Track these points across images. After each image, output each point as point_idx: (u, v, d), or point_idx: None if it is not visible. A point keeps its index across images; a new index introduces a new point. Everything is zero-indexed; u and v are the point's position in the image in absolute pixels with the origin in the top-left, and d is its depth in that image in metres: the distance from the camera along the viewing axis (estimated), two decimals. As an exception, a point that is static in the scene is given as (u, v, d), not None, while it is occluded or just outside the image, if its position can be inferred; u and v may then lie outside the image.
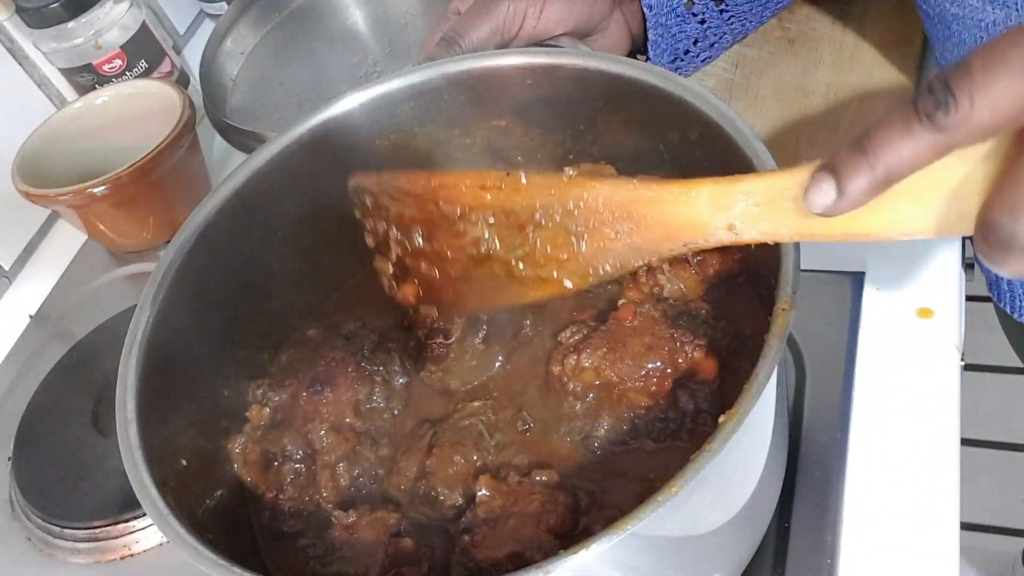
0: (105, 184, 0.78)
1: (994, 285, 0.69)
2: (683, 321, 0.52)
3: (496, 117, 0.61)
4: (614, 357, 0.51)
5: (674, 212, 0.41)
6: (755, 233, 0.39)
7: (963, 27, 0.56)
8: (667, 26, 0.68)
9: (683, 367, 0.50)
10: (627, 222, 0.43)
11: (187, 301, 0.53)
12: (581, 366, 0.52)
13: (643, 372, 0.50)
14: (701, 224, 0.40)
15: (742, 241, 0.40)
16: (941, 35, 0.59)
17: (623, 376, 0.51)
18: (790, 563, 0.53)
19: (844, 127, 0.70)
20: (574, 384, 0.52)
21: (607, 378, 0.51)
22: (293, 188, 0.59)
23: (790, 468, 0.55)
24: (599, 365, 0.51)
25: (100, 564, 0.66)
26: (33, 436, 0.73)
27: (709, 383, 0.50)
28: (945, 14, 0.57)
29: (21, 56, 0.94)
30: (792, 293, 0.41)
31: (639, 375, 0.50)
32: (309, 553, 0.52)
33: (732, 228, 0.40)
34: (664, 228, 0.42)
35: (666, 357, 0.50)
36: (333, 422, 0.55)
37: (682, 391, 0.50)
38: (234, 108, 0.92)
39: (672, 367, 0.50)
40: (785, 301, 0.41)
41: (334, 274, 0.65)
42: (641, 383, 0.50)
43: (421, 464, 0.52)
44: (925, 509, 0.52)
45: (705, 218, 0.40)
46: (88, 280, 0.89)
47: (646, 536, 0.39)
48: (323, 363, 0.57)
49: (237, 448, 0.55)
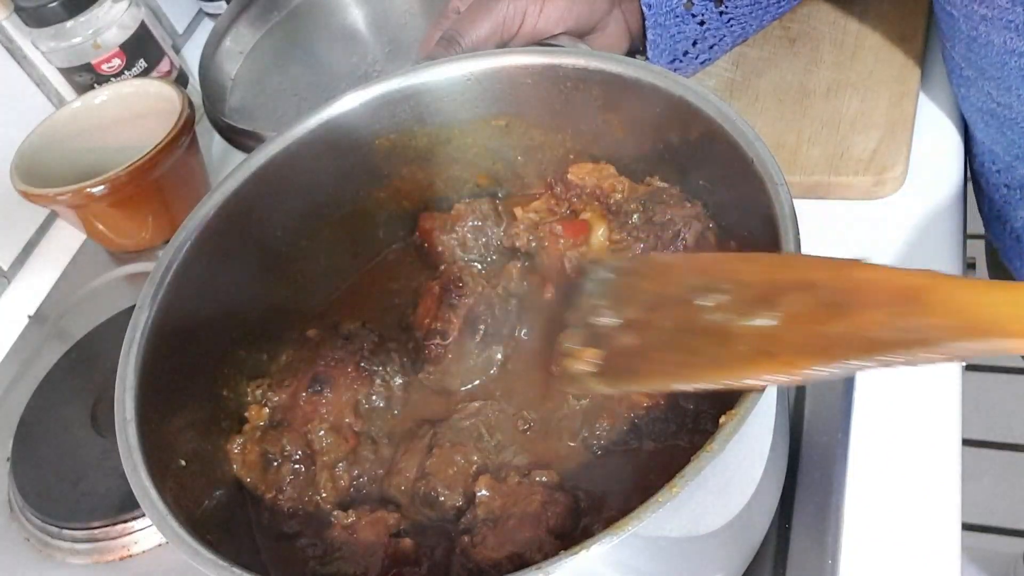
0: (104, 184, 0.78)
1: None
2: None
3: (496, 117, 0.61)
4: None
5: (987, 301, 0.36)
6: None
7: (992, 28, 0.57)
8: (666, 26, 0.68)
9: None
10: (911, 305, 0.37)
11: (186, 301, 0.53)
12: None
13: None
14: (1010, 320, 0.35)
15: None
16: (966, 35, 0.59)
17: None
18: (791, 564, 0.53)
19: (845, 127, 0.70)
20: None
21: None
22: (293, 188, 0.59)
23: (791, 469, 0.55)
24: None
25: (99, 565, 0.66)
26: (32, 436, 0.73)
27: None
28: (972, 15, 0.57)
29: (19, 55, 0.94)
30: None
31: None
32: (309, 553, 0.51)
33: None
34: (962, 317, 0.36)
35: None
36: (333, 422, 0.55)
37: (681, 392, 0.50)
38: (233, 107, 0.92)
39: None
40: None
41: (334, 274, 0.64)
42: None
43: (421, 464, 0.52)
44: (926, 509, 0.52)
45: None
46: (87, 280, 0.89)
47: (646, 537, 0.39)
48: (323, 363, 0.57)
49: (236, 449, 0.55)
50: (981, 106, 0.64)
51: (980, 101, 0.64)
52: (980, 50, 0.59)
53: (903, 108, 0.69)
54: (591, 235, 0.58)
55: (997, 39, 0.57)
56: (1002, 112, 0.62)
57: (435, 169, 0.64)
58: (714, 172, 0.53)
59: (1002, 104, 0.61)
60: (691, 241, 0.54)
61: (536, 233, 0.59)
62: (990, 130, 0.65)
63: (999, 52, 0.57)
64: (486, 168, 0.64)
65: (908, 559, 0.51)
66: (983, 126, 0.65)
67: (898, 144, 0.67)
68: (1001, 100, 0.61)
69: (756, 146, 0.47)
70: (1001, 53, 0.57)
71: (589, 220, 0.58)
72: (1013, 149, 0.63)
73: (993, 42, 0.57)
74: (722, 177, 0.52)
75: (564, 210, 0.60)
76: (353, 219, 0.63)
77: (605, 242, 0.57)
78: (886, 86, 0.71)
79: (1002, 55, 0.57)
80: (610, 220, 0.58)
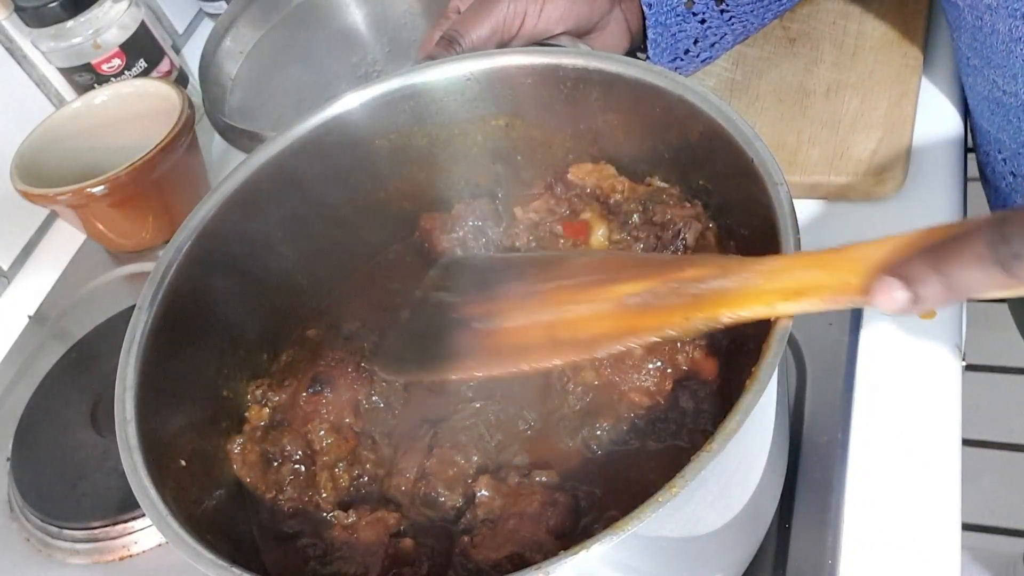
0: (104, 184, 0.78)
1: None
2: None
3: (496, 117, 0.61)
4: (614, 358, 0.51)
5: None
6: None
7: (997, 17, 0.57)
8: (667, 25, 0.68)
9: (683, 367, 0.50)
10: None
11: (186, 301, 0.53)
12: (581, 367, 0.51)
13: (643, 372, 0.50)
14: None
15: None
16: (972, 25, 0.60)
17: (623, 376, 0.50)
18: (791, 564, 0.53)
19: (845, 127, 0.70)
20: (574, 385, 0.52)
21: (607, 379, 0.51)
22: (292, 188, 0.59)
23: (791, 468, 0.55)
24: (599, 366, 0.51)
25: (99, 564, 0.66)
26: (32, 436, 0.73)
27: (709, 383, 0.50)
28: (978, 4, 0.58)
29: (20, 55, 0.94)
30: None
31: (639, 375, 0.50)
32: (309, 553, 0.51)
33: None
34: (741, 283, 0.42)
35: (666, 357, 0.50)
36: (333, 422, 0.55)
37: (682, 391, 0.50)
38: (233, 108, 0.92)
39: (672, 367, 0.50)
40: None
41: (334, 274, 0.64)
42: (641, 383, 0.50)
43: (421, 465, 0.52)
44: (926, 510, 0.52)
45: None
46: (87, 280, 0.89)
47: (646, 537, 0.39)
48: (323, 363, 0.57)
49: (236, 449, 0.55)
50: (987, 95, 0.64)
51: (986, 90, 0.64)
52: (985, 39, 0.59)
53: (903, 108, 0.69)
54: (591, 235, 0.58)
55: (1003, 27, 0.57)
56: (1008, 100, 0.62)
57: (435, 169, 0.64)
58: (714, 172, 0.53)
59: (1008, 92, 0.61)
60: (691, 241, 0.54)
61: (536, 233, 0.59)
62: (996, 119, 0.65)
63: (1004, 40, 0.57)
64: (486, 168, 0.64)
65: (908, 559, 0.51)
66: (989, 115, 0.65)
67: (898, 144, 0.67)
68: (1007, 88, 0.61)
69: (756, 146, 0.47)
70: (1007, 41, 0.57)
71: (589, 220, 0.58)
72: (1020, 136, 0.63)
73: (999, 30, 0.57)
74: (722, 177, 0.52)
75: (564, 210, 0.60)
76: (353, 219, 0.63)
77: (605, 242, 0.57)
78: (886, 86, 0.71)
79: (1007, 43, 0.57)
80: (610, 220, 0.58)
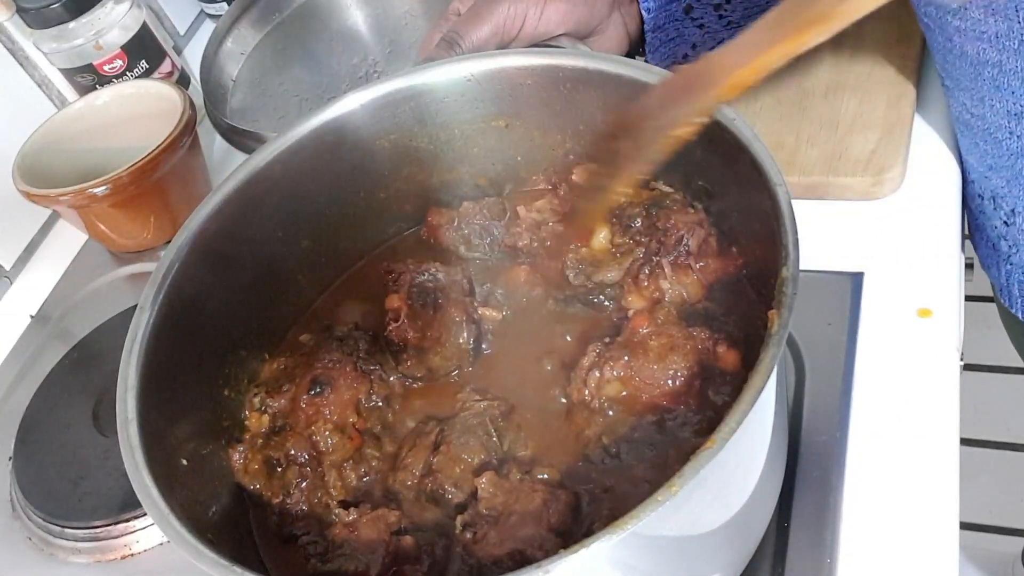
0: (106, 184, 0.78)
1: (1004, 289, 0.69)
2: (696, 320, 0.52)
3: (496, 117, 0.61)
4: (638, 364, 0.50)
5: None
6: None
7: (965, 39, 0.56)
8: (665, 30, 0.68)
9: (707, 362, 0.50)
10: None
11: (187, 301, 0.53)
12: (606, 380, 0.51)
13: (669, 373, 0.50)
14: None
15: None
16: (943, 47, 0.59)
17: (649, 380, 0.50)
18: (789, 563, 0.53)
19: (843, 128, 0.70)
20: (599, 402, 0.51)
21: (634, 386, 0.50)
22: (293, 188, 0.59)
23: (790, 468, 0.55)
24: (624, 375, 0.51)
25: (100, 564, 0.66)
26: (34, 436, 0.74)
27: (734, 375, 0.50)
28: (947, 26, 0.57)
29: (22, 56, 0.94)
30: (791, 294, 0.42)
31: (665, 377, 0.50)
32: (310, 551, 0.51)
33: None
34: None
35: (689, 355, 0.50)
36: (337, 422, 0.55)
37: (710, 386, 0.50)
38: (234, 108, 0.92)
39: (696, 364, 0.50)
40: (784, 301, 0.41)
41: (335, 274, 0.65)
42: (668, 385, 0.50)
43: (427, 461, 0.52)
44: (925, 509, 0.52)
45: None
46: (89, 280, 0.89)
47: (646, 535, 0.39)
48: (320, 365, 0.57)
49: (238, 459, 0.55)
50: (957, 116, 0.63)
51: (956, 111, 0.63)
52: (955, 61, 0.59)
53: (901, 109, 0.69)
54: (593, 237, 0.58)
55: (971, 50, 0.56)
56: (976, 123, 0.61)
57: (435, 170, 0.64)
58: (714, 173, 0.54)
59: (975, 115, 0.60)
60: (694, 247, 0.54)
61: (538, 234, 0.60)
62: (965, 141, 0.65)
63: (972, 63, 0.57)
64: (486, 169, 0.64)
65: (906, 558, 0.51)
66: (960, 137, 0.65)
67: (896, 145, 0.67)
68: (975, 111, 0.60)
69: (755, 146, 0.47)
70: (975, 64, 0.57)
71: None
72: (986, 160, 0.62)
73: (967, 53, 0.56)
74: (722, 177, 0.52)
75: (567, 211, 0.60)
76: (354, 220, 0.63)
77: (607, 245, 0.58)
78: (884, 87, 0.71)
79: (976, 66, 0.57)
80: (613, 223, 0.58)
